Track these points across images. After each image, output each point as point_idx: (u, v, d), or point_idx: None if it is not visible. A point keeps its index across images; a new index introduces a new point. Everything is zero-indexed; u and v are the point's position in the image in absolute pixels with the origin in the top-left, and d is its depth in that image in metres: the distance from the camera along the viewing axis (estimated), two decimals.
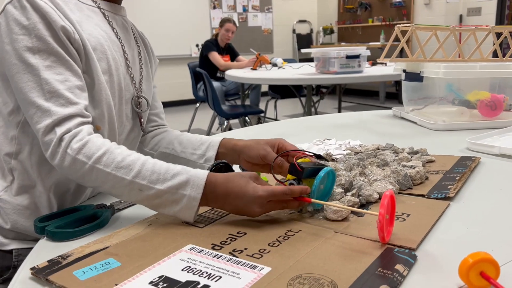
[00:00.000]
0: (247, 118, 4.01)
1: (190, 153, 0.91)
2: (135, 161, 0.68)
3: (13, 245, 0.80)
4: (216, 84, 4.35)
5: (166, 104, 6.60)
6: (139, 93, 0.90)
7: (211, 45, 4.51)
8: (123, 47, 0.86)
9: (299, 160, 0.73)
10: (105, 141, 0.71)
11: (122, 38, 0.86)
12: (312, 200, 0.68)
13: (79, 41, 0.75)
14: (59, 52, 0.72)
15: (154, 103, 1.01)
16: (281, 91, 4.71)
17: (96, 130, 0.78)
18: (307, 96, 3.43)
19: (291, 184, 0.70)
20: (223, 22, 4.54)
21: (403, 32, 1.35)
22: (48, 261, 0.56)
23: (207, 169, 0.73)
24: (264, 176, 0.85)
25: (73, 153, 0.68)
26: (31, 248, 0.64)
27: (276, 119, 4.79)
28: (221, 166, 0.80)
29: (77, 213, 0.72)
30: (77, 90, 0.73)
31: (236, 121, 4.65)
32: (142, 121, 0.93)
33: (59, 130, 0.69)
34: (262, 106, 4.50)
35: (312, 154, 0.78)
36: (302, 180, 0.71)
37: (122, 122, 0.87)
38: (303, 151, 0.80)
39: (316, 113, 4.57)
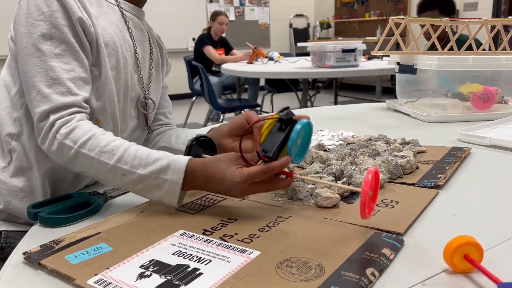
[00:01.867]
0: (243, 111, 4.01)
1: (182, 143, 0.92)
2: (118, 146, 0.68)
3: (2, 227, 0.81)
4: (214, 78, 4.35)
5: None
6: (146, 94, 0.91)
7: (205, 39, 4.50)
8: (135, 47, 0.87)
9: (263, 135, 0.66)
10: (93, 127, 0.72)
11: (135, 39, 0.87)
12: (293, 175, 0.65)
13: (93, 34, 0.76)
14: (71, 42, 0.74)
15: (163, 102, 1.02)
16: (277, 85, 4.71)
17: (96, 122, 0.79)
18: (303, 90, 3.43)
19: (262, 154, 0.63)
20: (215, 15, 4.53)
21: (397, 25, 1.36)
22: (41, 246, 0.57)
23: (187, 144, 0.75)
24: None
25: (61, 137, 0.69)
26: (20, 231, 0.65)
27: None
28: (202, 139, 0.79)
29: (70, 200, 0.72)
30: (81, 82, 0.75)
31: (232, 115, 4.65)
32: (148, 121, 0.94)
33: (53, 117, 0.71)
34: (258, 100, 4.50)
35: (273, 115, 0.68)
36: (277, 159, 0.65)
37: (126, 120, 0.88)
38: (264, 117, 0.69)
39: (312, 107, 4.57)
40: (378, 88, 6.53)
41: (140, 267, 0.51)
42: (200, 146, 0.80)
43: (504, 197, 0.72)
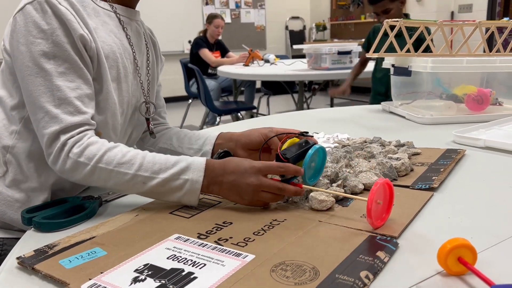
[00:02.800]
0: (239, 114, 4.01)
1: (187, 147, 0.92)
2: (135, 156, 0.70)
3: None
4: (212, 82, 4.35)
5: None
6: (147, 98, 0.91)
7: (201, 42, 4.49)
8: (134, 53, 0.86)
9: (285, 145, 0.75)
10: (104, 141, 0.72)
11: (134, 45, 0.86)
12: (303, 185, 0.69)
13: (94, 49, 0.75)
14: (74, 60, 0.73)
15: (158, 102, 1.01)
16: (273, 87, 4.71)
17: (97, 135, 0.78)
18: (299, 92, 3.44)
19: (281, 175, 0.71)
20: (211, 18, 4.52)
21: (392, 27, 1.37)
22: (35, 251, 0.57)
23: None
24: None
25: (75, 156, 0.69)
26: (16, 239, 0.65)
27: (268, 115, 4.80)
28: (222, 155, 0.82)
29: (64, 205, 0.72)
30: (86, 99, 0.74)
31: (228, 117, 4.65)
32: (150, 126, 0.92)
33: (63, 137, 0.70)
34: (254, 102, 4.51)
35: (295, 133, 0.80)
36: None
37: (126, 127, 0.89)
38: (287, 132, 0.81)
39: (308, 109, 4.58)
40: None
41: (134, 271, 0.51)
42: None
43: (498, 199, 0.72)
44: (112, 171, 0.69)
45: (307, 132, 0.79)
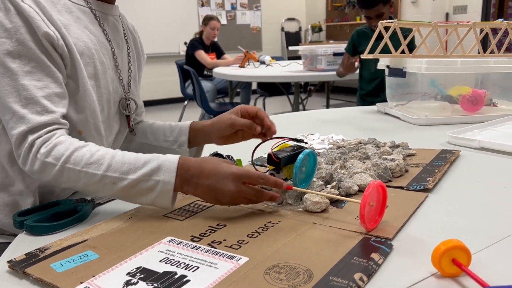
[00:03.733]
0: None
1: (163, 140, 0.92)
2: (104, 155, 0.68)
3: None
4: (208, 84, 4.34)
5: (154, 102, 6.56)
6: (127, 95, 0.89)
7: (197, 43, 4.49)
8: (113, 49, 0.84)
9: (276, 148, 0.74)
10: (74, 140, 0.70)
11: (112, 40, 0.84)
12: (293, 187, 0.69)
13: (63, 47, 0.73)
14: (40, 58, 0.71)
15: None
16: (269, 88, 4.71)
17: (78, 134, 0.78)
18: (295, 93, 3.44)
19: (271, 174, 0.71)
20: (207, 20, 4.52)
21: (387, 28, 1.37)
22: (26, 254, 0.56)
23: None
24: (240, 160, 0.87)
25: (42, 157, 0.67)
26: (7, 243, 0.64)
27: None
28: (216, 156, 0.81)
29: (57, 207, 0.71)
30: (56, 98, 0.72)
31: None
32: (131, 123, 0.91)
33: (31, 137, 0.68)
34: (250, 103, 4.50)
35: (290, 139, 0.79)
36: (282, 168, 0.72)
37: (111, 125, 0.87)
38: (282, 137, 0.80)
39: (304, 110, 4.58)
40: None
41: (126, 274, 0.50)
42: None
43: (492, 200, 0.72)
44: (80, 171, 0.66)
45: (302, 140, 0.79)
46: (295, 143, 0.79)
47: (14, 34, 0.69)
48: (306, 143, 0.80)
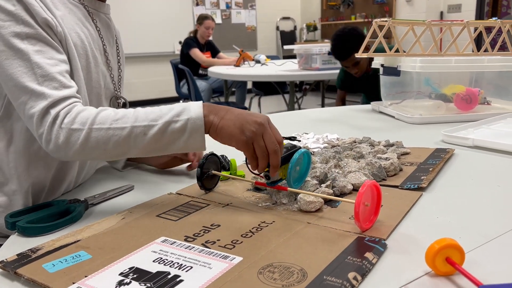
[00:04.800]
0: None
1: None
2: (127, 112, 0.68)
3: None
4: (203, 83, 4.33)
5: (149, 102, 6.54)
6: (118, 93, 0.90)
7: (192, 42, 4.48)
8: (105, 46, 0.86)
9: None
10: (93, 108, 0.70)
11: (104, 37, 0.86)
12: (288, 188, 0.69)
13: (62, 34, 0.74)
14: (47, 38, 0.72)
15: None
16: (264, 88, 4.71)
17: None
18: (290, 92, 3.44)
19: (266, 175, 0.71)
20: (202, 19, 4.51)
21: (381, 27, 1.37)
22: (18, 255, 0.56)
23: (200, 162, 0.77)
24: (241, 170, 0.86)
25: (67, 125, 0.67)
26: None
27: None
28: (210, 156, 0.80)
29: (49, 208, 0.71)
30: (68, 75, 0.73)
31: None
32: None
33: (54, 111, 0.68)
34: (246, 103, 4.50)
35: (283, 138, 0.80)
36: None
37: None
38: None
39: (299, 109, 4.58)
40: None
41: (119, 274, 0.50)
42: (211, 162, 0.80)
43: (486, 198, 0.72)
44: (109, 129, 0.66)
45: (295, 138, 0.78)
46: (289, 141, 0.79)
47: (19, 16, 0.70)
48: (299, 141, 0.80)
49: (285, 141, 0.80)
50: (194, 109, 0.68)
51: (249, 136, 0.66)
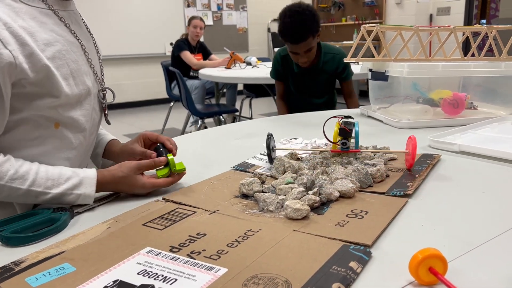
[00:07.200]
0: (221, 117, 3.99)
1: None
2: (28, 171, 0.74)
3: None
4: (196, 81, 4.32)
5: (140, 103, 6.51)
6: (103, 85, 0.93)
7: (183, 44, 4.47)
8: (83, 46, 0.87)
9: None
10: None
11: (79, 36, 0.87)
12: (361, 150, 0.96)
13: (25, 69, 0.73)
14: None
15: None
16: (256, 90, 4.70)
17: (55, 128, 0.82)
18: None
19: (343, 142, 0.94)
20: (190, 20, 4.53)
21: (369, 32, 1.38)
22: (0, 268, 0.55)
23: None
24: (181, 162, 0.86)
25: None
26: None
27: (251, 118, 4.79)
28: (161, 150, 0.91)
29: (34, 217, 0.70)
30: None
31: (211, 120, 4.63)
32: (106, 112, 0.96)
33: None
34: (237, 105, 4.49)
35: (342, 116, 0.97)
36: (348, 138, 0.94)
37: (93, 117, 0.90)
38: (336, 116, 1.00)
39: (290, 113, 4.58)
40: (355, 92, 6.59)
41: None
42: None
43: (470, 205, 0.73)
44: (4, 186, 0.72)
45: (350, 116, 0.97)
46: (345, 120, 0.96)
47: None
48: (352, 118, 0.97)
49: (339, 118, 0.97)
50: (88, 186, 0.77)
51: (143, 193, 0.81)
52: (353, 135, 0.95)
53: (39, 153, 0.80)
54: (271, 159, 0.95)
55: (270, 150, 0.94)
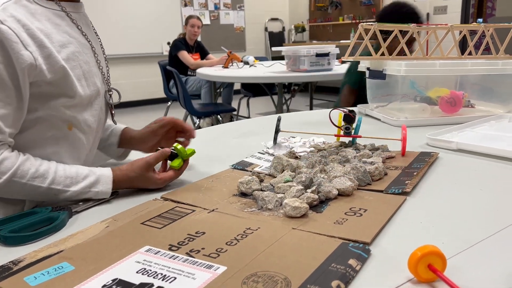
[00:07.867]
0: (219, 116, 3.99)
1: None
2: (48, 170, 0.76)
3: None
4: (194, 76, 4.32)
5: (137, 103, 6.50)
6: (109, 85, 0.94)
7: (180, 44, 4.47)
8: (93, 48, 0.88)
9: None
10: (17, 157, 0.74)
11: (90, 38, 0.88)
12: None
13: (44, 70, 0.74)
14: (4, 80, 0.72)
15: None
16: (253, 89, 4.71)
17: (68, 129, 0.83)
18: (279, 94, 3.44)
19: (346, 127, 1.01)
20: (187, 19, 4.54)
21: (367, 31, 1.38)
22: None
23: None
24: (190, 148, 0.88)
25: None
26: None
27: (248, 117, 4.79)
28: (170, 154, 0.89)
29: (32, 216, 0.70)
30: (7, 120, 0.73)
31: (208, 120, 4.62)
32: (113, 112, 0.97)
33: None
34: (234, 104, 4.49)
35: (343, 110, 1.03)
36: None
37: (100, 117, 0.92)
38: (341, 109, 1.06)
39: (288, 111, 4.59)
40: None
41: (102, 287, 0.50)
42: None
43: (468, 203, 0.73)
44: (26, 184, 0.73)
45: (353, 111, 1.01)
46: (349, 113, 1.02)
47: None
48: (354, 112, 1.01)
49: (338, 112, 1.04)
50: (105, 183, 0.79)
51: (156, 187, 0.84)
52: (355, 131, 1.02)
53: (51, 152, 0.81)
54: (275, 141, 1.08)
55: (277, 134, 1.06)
